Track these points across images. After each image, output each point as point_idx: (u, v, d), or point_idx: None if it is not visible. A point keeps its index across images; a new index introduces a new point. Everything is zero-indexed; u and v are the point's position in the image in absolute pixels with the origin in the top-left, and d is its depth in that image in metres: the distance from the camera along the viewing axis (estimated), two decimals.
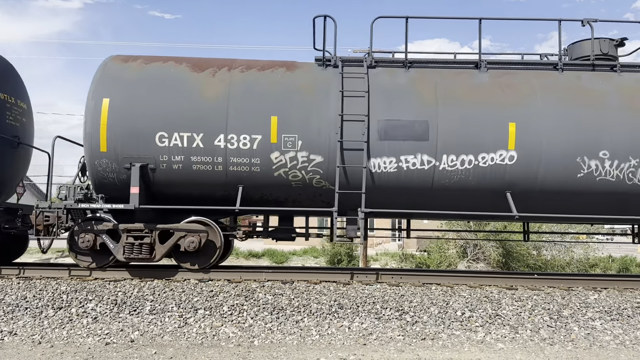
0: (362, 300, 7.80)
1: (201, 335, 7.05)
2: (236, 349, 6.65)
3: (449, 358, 6.38)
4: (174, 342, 6.88)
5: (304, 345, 6.83)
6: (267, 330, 7.16)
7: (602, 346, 6.98)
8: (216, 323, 7.28)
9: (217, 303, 7.68)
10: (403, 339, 7.01)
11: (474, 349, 6.78)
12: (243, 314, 7.48)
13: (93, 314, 7.46)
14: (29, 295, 7.71)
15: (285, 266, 23.78)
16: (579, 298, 8.02)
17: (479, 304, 7.78)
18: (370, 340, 6.97)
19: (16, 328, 7.13)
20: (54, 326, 7.18)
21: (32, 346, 6.65)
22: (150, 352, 6.43)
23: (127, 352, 6.46)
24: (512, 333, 7.20)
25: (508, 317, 7.50)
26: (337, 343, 6.90)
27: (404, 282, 8.63)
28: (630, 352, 6.79)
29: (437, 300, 7.83)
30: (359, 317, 7.43)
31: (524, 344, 6.99)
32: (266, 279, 8.60)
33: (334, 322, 7.35)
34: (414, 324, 7.30)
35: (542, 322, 7.43)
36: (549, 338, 7.11)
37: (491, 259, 21.58)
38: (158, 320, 7.33)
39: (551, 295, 8.10)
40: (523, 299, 7.94)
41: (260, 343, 6.88)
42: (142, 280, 8.38)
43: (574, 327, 7.33)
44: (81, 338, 6.93)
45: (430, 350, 6.66)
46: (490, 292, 8.14)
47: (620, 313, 7.63)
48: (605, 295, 8.11)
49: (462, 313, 7.56)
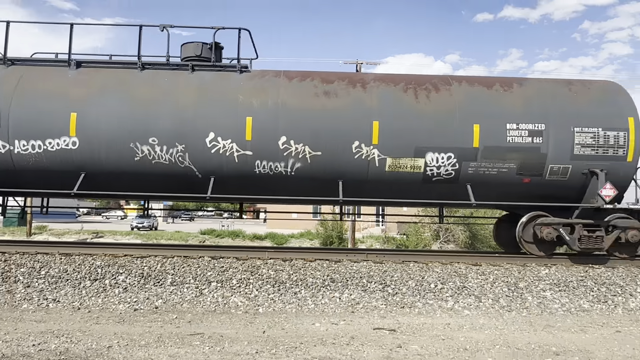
0: (350, 275, 8.08)
1: (214, 303, 7.35)
2: (244, 315, 6.97)
3: (423, 323, 6.68)
4: (191, 309, 7.18)
5: (301, 313, 7.15)
6: (270, 300, 7.48)
7: (551, 313, 7.40)
8: (227, 293, 7.57)
9: (227, 277, 7.91)
10: (385, 307, 7.39)
11: (445, 315, 7.19)
12: (249, 286, 7.75)
13: (123, 285, 7.69)
14: (70, 269, 7.88)
15: (285, 246, 23.54)
16: (533, 272, 8.35)
17: (449, 277, 8.12)
18: (358, 308, 7.34)
19: (59, 296, 7.37)
20: (90, 295, 7.44)
21: (72, 311, 6.91)
22: (171, 317, 6.68)
23: (152, 317, 6.71)
24: (476, 302, 7.60)
25: (473, 289, 7.88)
26: (330, 311, 7.25)
27: (387, 260, 8.76)
28: (575, 318, 7.19)
29: (414, 275, 8.14)
30: (348, 289, 7.76)
31: (486, 311, 7.40)
32: (269, 257, 8.68)
33: (327, 293, 7.67)
34: (394, 295, 7.67)
35: (501, 293, 7.81)
36: (507, 306, 7.53)
37: (460, 241, 21.78)
38: (178, 291, 7.59)
39: (509, 270, 8.42)
40: (486, 274, 8.27)
41: (264, 310, 7.21)
42: (164, 257, 8.46)
43: (528, 297, 7.74)
44: (114, 305, 7.22)
45: (408, 317, 7.03)
46: (458, 268, 8.44)
47: (567, 285, 8.02)
48: (555, 270, 8.44)
49: (435, 285, 7.91)
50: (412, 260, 8.87)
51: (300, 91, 8.91)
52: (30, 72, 9.21)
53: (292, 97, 8.85)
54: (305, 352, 5.26)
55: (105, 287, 7.66)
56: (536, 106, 8.78)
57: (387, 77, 9.29)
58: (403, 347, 5.52)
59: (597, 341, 6.00)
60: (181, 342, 5.56)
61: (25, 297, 7.36)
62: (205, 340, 5.62)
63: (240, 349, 5.34)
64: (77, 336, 5.68)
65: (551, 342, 5.87)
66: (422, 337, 5.98)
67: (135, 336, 5.74)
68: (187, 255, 8.75)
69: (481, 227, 20.50)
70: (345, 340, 5.77)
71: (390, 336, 6.00)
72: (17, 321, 6.35)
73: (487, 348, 5.57)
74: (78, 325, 6.20)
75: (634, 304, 7.72)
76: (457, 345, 5.68)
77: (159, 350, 5.22)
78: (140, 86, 9.00)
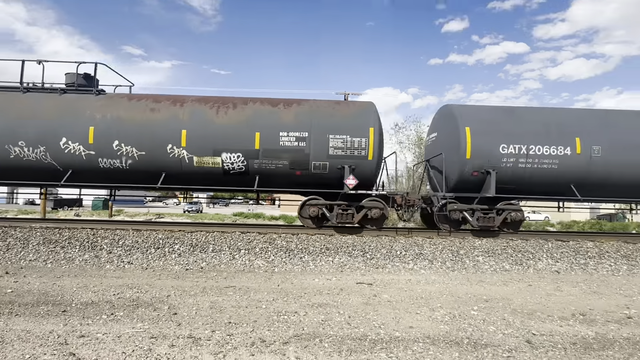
0: (340, 245, 8.13)
1: (243, 265, 7.40)
2: (264, 273, 7.01)
3: (392, 279, 6.75)
4: (226, 269, 7.23)
5: (305, 272, 7.19)
6: (283, 262, 7.53)
7: (482, 272, 7.48)
8: (252, 258, 7.62)
9: (252, 246, 7.97)
10: (365, 268, 7.45)
11: (407, 273, 7.26)
12: (268, 253, 7.79)
13: (178, 252, 7.73)
14: (140, 240, 7.99)
15: (293, 224, 23.16)
16: (470, 243, 8.43)
17: (410, 247, 8.18)
18: (345, 269, 7.39)
19: (132, 260, 7.43)
20: (154, 259, 7.49)
21: (141, 270, 6.97)
22: (212, 274, 6.75)
23: (199, 274, 6.77)
24: (429, 264, 7.66)
25: (427, 255, 7.94)
26: (325, 270, 7.30)
27: (365, 235, 8.80)
28: (499, 274, 7.29)
29: (385, 245, 8.22)
30: (338, 255, 7.81)
31: (436, 270, 7.47)
32: (282, 232, 8.75)
33: (323, 258, 7.71)
34: (371, 259, 7.74)
35: (447, 258, 7.88)
36: (451, 267, 7.61)
37: (418, 221, 21.35)
38: (217, 256, 7.64)
39: (453, 242, 8.49)
40: (437, 244, 8.33)
41: (279, 270, 7.25)
42: (207, 232, 8.48)
43: (466, 261, 7.81)
44: (171, 266, 7.27)
45: (381, 274, 7.09)
46: (417, 240, 8.51)
47: (493, 252, 8.11)
48: (485, 242, 8.52)
49: (400, 252, 7.97)
50: (384, 234, 8.90)
51: (133, 108, 8.88)
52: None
53: (126, 112, 8.82)
54: (308, 300, 5.31)
55: (165, 253, 7.70)
56: (303, 119, 8.86)
57: (202, 99, 9.20)
58: (377, 296, 5.58)
59: (515, 292, 6.08)
60: (219, 292, 5.62)
61: (107, 260, 7.40)
62: (236, 291, 5.68)
63: (262, 297, 5.39)
64: (145, 288, 5.74)
65: (482, 293, 5.95)
66: (391, 289, 6.02)
67: (187, 288, 5.79)
68: (224, 230, 8.81)
69: None
70: (336, 291, 5.83)
71: (368, 288, 6.05)
72: (102, 277, 6.41)
73: (437, 297, 5.65)
74: (145, 280, 6.25)
75: (541, 266, 7.79)
76: (415, 294, 5.74)
77: (203, 298, 5.27)
78: (18, 104, 8.92)
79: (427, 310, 4.91)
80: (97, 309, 4.68)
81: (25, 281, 6.05)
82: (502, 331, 4.23)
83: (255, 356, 3.46)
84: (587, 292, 6.19)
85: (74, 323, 4.19)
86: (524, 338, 4.05)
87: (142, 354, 3.45)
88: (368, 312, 4.77)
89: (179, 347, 3.61)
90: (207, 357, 3.41)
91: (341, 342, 3.80)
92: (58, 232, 8.26)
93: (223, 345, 3.67)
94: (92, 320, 4.30)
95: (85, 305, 4.85)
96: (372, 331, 4.12)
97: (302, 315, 4.62)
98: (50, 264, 7.22)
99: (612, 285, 6.64)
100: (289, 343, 3.75)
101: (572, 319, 4.78)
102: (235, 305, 4.96)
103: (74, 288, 5.65)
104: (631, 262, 7.98)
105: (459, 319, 4.62)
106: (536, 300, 5.60)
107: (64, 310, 4.65)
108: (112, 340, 3.72)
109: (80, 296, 5.24)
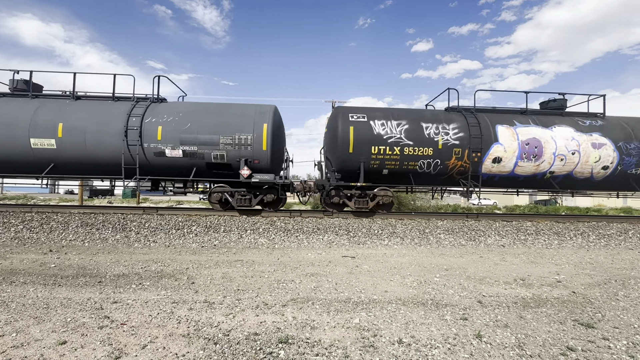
0: (329, 225, 8.10)
1: (249, 242, 7.31)
2: (266, 249, 6.96)
3: (370, 253, 6.72)
4: (235, 245, 7.14)
5: (300, 247, 7.15)
6: (281, 240, 7.45)
7: (444, 246, 7.49)
8: (256, 237, 7.54)
9: (256, 227, 7.89)
10: (349, 244, 7.40)
11: (383, 248, 7.21)
12: (269, 232, 7.72)
13: (195, 232, 7.62)
14: (163, 223, 7.90)
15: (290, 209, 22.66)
16: (433, 223, 8.44)
17: (385, 227, 8.16)
18: (332, 245, 7.34)
19: (157, 239, 7.33)
20: (175, 238, 7.38)
21: (164, 248, 6.88)
22: (224, 250, 6.69)
23: (212, 250, 6.70)
24: (401, 240, 7.64)
25: (399, 233, 7.92)
26: (316, 246, 7.25)
27: (348, 217, 8.68)
28: (456, 248, 7.30)
29: (365, 225, 8.19)
30: (327, 234, 7.75)
31: (406, 245, 7.44)
32: (280, 215, 8.62)
33: (315, 236, 7.65)
34: (354, 237, 7.68)
35: (415, 235, 7.88)
36: (419, 243, 7.60)
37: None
38: (227, 235, 7.55)
39: (419, 222, 8.49)
40: (407, 224, 8.33)
41: (278, 246, 7.18)
42: (219, 216, 8.36)
43: (430, 237, 7.82)
44: (189, 244, 7.16)
45: (362, 249, 7.06)
46: (391, 221, 8.47)
47: (453, 230, 8.14)
48: (446, 222, 8.55)
49: (377, 231, 7.94)
50: (364, 217, 8.82)
51: None
52: None
53: None
54: (302, 270, 5.30)
55: (184, 233, 7.60)
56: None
57: None
58: (359, 267, 5.59)
59: (469, 262, 6.13)
60: (229, 265, 5.58)
61: (136, 240, 7.29)
62: (244, 264, 5.64)
63: (264, 268, 5.36)
64: (167, 262, 5.67)
65: (443, 263, 5.99)
66: (370, 261, 6.03)
67: (202, 262, 5.74)
68: (233, 215, 8.68)
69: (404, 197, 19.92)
70: (325, 263, 5.82)
71: (351, 261, 6.05)
72: (131, 254, 6.33)
73: (407, 267, 5.67)
74: (168, 256, 6.18)
75: (490, 241, 7.86)
76: (390, 265, 5.76)
77: (216, 270, 5.23)
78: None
79: (399, 278, 4.95)
80: (127, 280, 4.63)
81: (66, 257, 5.94)
82: (458, 294, 4.29)
83: (260, 317, 3.46)
84: (526, 262, 6.28)
85: (108, 292, 4.14)
86: (476, 299, 4.12)
87: (166, 316, 3.42)
88: (351, 280, 4.78)
89: (196, 310, 3.60)
90: (220, 318, 3.40)
91: (329, 304, 3.82)
92: (94, 216, 8.11)
93: (233, 308, 3.66)
94: (123, 289, 4.26)
95: (117, 277, 4.80)
96: (354, 295, 4.14)
97: (297, 283, 4.62)
98: (87, 243, 7.10)
99: (545, 257, 6.76)
100: (287, 305, 3.76)
101: (514, 283, 4.87)
102: (242, 275, 4.95)
103: (107, 263, 5.58)
104: (561, 238, 8.14)
105: (425, 284, 4.67)
106: (486, 268, 5.68)
107: (99, 281, 4.58)
108: (140, 305, 3.69)
109: (113, 269, 5.17)
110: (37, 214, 8.07)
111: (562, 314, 3.73)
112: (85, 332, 3.02)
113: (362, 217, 8.76)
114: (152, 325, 3.20)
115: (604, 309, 3.86)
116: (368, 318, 3.46)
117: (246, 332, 3.07)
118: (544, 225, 8.76)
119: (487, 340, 3.01)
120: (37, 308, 3.56)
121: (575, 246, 7.83)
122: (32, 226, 7.59)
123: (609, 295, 4.36)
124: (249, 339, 2.94)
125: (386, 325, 3.30)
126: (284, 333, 3.06)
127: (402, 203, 20.34)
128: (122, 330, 3.07)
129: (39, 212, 8.26)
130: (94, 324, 3.18)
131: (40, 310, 3.50)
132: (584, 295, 4.35)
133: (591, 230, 8.48)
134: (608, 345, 2.99)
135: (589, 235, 8.27)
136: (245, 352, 2.72)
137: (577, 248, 7.71)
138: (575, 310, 3.82)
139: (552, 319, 3.55)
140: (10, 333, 2.97)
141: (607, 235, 8.29)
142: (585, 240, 8.09)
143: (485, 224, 8.62)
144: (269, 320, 3.36)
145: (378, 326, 3.27)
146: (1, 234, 7.30)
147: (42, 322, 3.22)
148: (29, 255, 6.08)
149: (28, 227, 7.54)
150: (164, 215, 8.42)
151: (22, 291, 4.10)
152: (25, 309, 3.54)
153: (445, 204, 23.84)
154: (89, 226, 7.68)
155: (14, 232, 7.37)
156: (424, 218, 8.92)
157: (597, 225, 8.81)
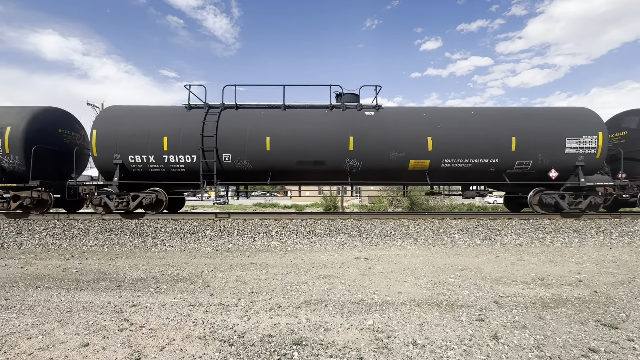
0: (341, 227, 8.03)
1: (262, 245, 7.35)
2: (279, 252, 6.99)
3: (383, 254, 6.68)
4: (249, 249, 7.20)
5: (312, 250, 7.16)
6: (294, 242, 7.46)
7: (458, 246, 7.38)
8: (269, 239, 7.56)
9: (269, 230, 7.89)
10: (361, 246, 7.36)
11: (396, 249, 7.17)
12: (282, 235, 7.73)
13: (209, 236, 7.68)
14: (178, 227, 7.93)
15: (303, 212, 22.44)
16: (447, 223, 8.26)
17: (399, 227, 8.05)
18: (345, 247, 7.32)
19: (172, 243, 7.42)
20: (190, 242, 7.47)
21: (180, 252, 6.99)
22: (237, 254, 6.75)
23: (226, 253, 6.78)
24: (414, 241, 7.56)
25: (412, 233, 7.82)
26: (329, 248, 7.24)
27: (361, 218, 8.48)
28: (471, 248, 7.20)
29: (378, 227, 8.08)
30: (340, 235, 7.71)
31: (420, 246, 7.37)
32: (293, 218, 8.51)
33: (327, 238, 7.63)
34: (366, 238, 7.63)
35: (429, 235, 7.77)
36: (432, 243, 7.50)
37: (404, 206, 21.12)
38: (241, 239, 7.59)
39: (433, 222, 8.33)
40: (420, 225, 8.18)
41: (291, 249, 7.21)
42: (232, 220, 8.27)
43: (444, 237, 7.70)
44: (204, 247, 7.25)
45: (374, 250, 7.03)
46: (404, 222, 8.33)
47: (467, 230, 7.97)
48: (460, 222, 8.35)
49: (390, 232, 7.85)
50: (377, 218, 8.70)
51: None
52: None
53: None
54: (315, 272, 5.30)
55: (199, 237, 7.68)
56: None
57: None
58: (372, 268, 5.56)
59: (485, 262, 6.02)
60: (243, 268, 5.62)
61: (152, 245, 7.42)
62: (257, 267, 5.67)
63: (278, 271, 5.39)
64: (183, 266, 5.76)
65: (458, 263, 5.90)
66: (383, 262, 5.98)
67: (217, 265, 5.81)
68: (245, 218, 8.70)
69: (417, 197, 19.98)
70: (338, 264, 5.81)
71: (364, 262, 6.02)
72: (148, 258, 6.45)
73: (421, 267, 5.61)
74: (184, 260, 6.26)
75: (506, 240, 7.70)
76: (403, 266, 5.71)
77: (230, 273, 5.29)
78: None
79: (412, 279, 4.89)
80: (145, 284, 4.74)
81: (87, 262, 6.12)
82: (474, 294, 4.21)
83: (274, 319, 3.49)
84: (545, 261, 6.12)
85: (127, 295, 4.25)
86: (493, 299, 4.03)
87: (182, 318, 3.49)
88: (364, 281, 4.76)
89: (212, 312, 3.66)
90: (235, 320, 3.45)
91: (343, 306, 3.81)
92: (112, 222, 8.31)
93: (247, 311, 3.70)
94: (142, 292, 4.36)
95: (136, 280, 4.91)
96: (367, 296, 4.12)
97: (310, 285, 4.62)
98: (107, 249, 7.28)
99: (565, 255, 6.57)
100: (300, 307, 3.77)
101: (532, 283, 4.75)
102: (256, 278, 4.98)
103: (126, 267, 5.71)
104: (581, 236, 7.88)
105: (439, 285, 4.60)
106: (502, 268, 5.56)
107: (119, 285, 4.71)
108: (158, 308, 3.78)
109: (132, 273, 5.29)
110: (59, 221, 8.36)
111: (583, 314, 3.61)
112: (106, 334, 3.12)
113: (375, 219, 8.69)
114: (169, 327, 3.27)
115: (628, 309, 3.72)
116: (382, 319, 3.44)
117: (260, 334, 3.10)
118: (563, 223, 8.50)
119: (505, 342, 2.95)
120: (61, 311, 3.70)
121: (597, 244, 7.57)
122: (55, 233, 7.85)
123: (633, 295, 4.20)
124: (264, 340, 2.98)
125: (400, 326, 3.27)
126: (298, 335, 3.08)
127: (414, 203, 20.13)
128: (141, 333, 3.15)
129: (61, 219, 8.54)
130: (114, 327, 3.28)
131: (63, 314, 3.63)
132: (606, 295, 4.20)
133: (614, 228, 8.18)
134: (633, 347, 2.88)
135: (611, 233, 7.97)
136: (260, 353, 2.75)
137: (599, 246, 7.46)
138: (597, 311, 3.69)
139: (572, 320, 3.45)
140: (36, 336, 3.10)
141: (631, 232, 7.98)
142: (607, 237, 7.81)
143: (501, 222, 8.43)
144: (283, 322, 3.38)
145: (392, 327, 3.24)
146: (27, 241, 7.59)
147: (65, 325, 3.34)
148: (53, 260, 6.29)
149: (51, 234, 7.80)
150: (178, 220, 8.53)
151: (47, 295, 4.26)
152: (50, 312, 3.68)
153: (459, 203, 23.48)
154: (108, 232, 7.86)
155: (38, 239, 7.64)
156: (437, 218, 8.76)
157: (620, 222, 8.48)
